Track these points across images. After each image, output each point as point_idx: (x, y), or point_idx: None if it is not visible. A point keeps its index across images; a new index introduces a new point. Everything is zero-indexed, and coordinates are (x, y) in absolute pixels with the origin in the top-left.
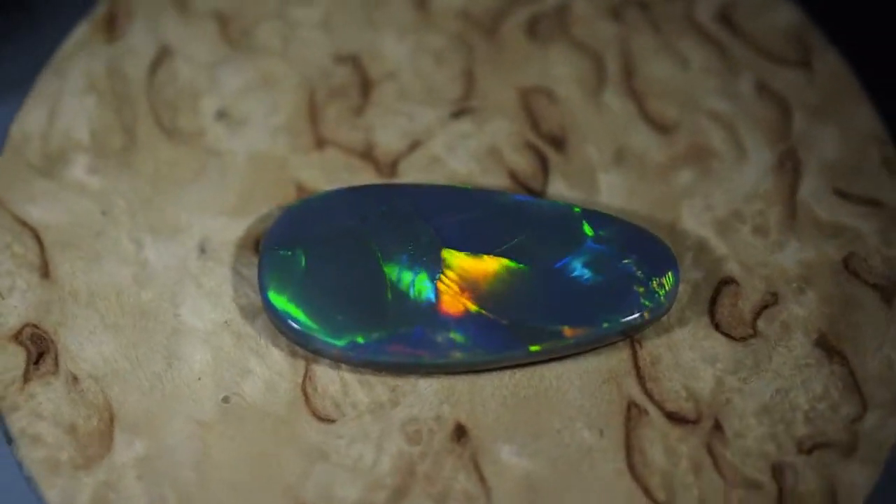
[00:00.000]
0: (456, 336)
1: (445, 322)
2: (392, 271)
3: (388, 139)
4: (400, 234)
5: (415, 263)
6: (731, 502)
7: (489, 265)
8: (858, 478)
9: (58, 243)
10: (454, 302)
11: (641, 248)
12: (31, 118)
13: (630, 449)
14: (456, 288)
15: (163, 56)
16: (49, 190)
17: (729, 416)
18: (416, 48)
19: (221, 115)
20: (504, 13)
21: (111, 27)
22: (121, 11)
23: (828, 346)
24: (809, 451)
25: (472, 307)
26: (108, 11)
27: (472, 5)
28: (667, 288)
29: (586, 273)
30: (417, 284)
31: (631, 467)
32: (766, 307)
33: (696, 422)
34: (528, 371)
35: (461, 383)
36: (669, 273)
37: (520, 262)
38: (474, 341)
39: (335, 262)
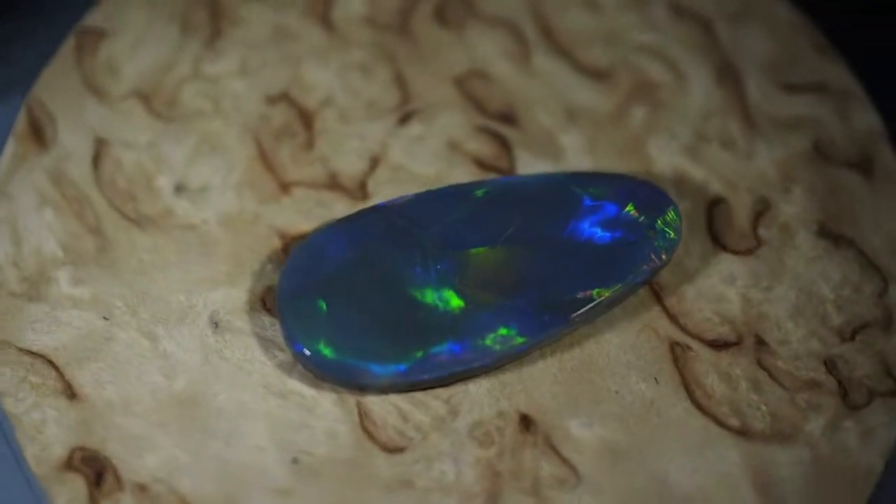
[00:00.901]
0: (499, 332)
1: (483, 322)
2: (413, 289)
3: (348, 163)
4: (405, 251)
5: (430, 275)
6: (799, 407)
7: (502, 254)
8: None
9: (73, 362)
10: (483, 300)
11: (635, 194)
12: None
13: (688, 387)
14: (480, 286)
15: (101, 149)
16: (43, 313)
17: (766, 327)
18: (340, 68)
19: (180, 189)
20: (408, 10)
21: (39, 136)
22: (42, 118)
23: (830, 234)
24: (852, 337)
25: (503, 300)
26: (29, 122)
27: (374, 11)
28: (673, 225)
29: (597, 232)
30: (442, 294)
31: (696, 404)
32: (760, 215)
33: (738, 343)
34: (566, 344)
35: (509, 375)
36: (670, 210)
37: (530, 242)
38: (517, 331)
39: (355, 297)
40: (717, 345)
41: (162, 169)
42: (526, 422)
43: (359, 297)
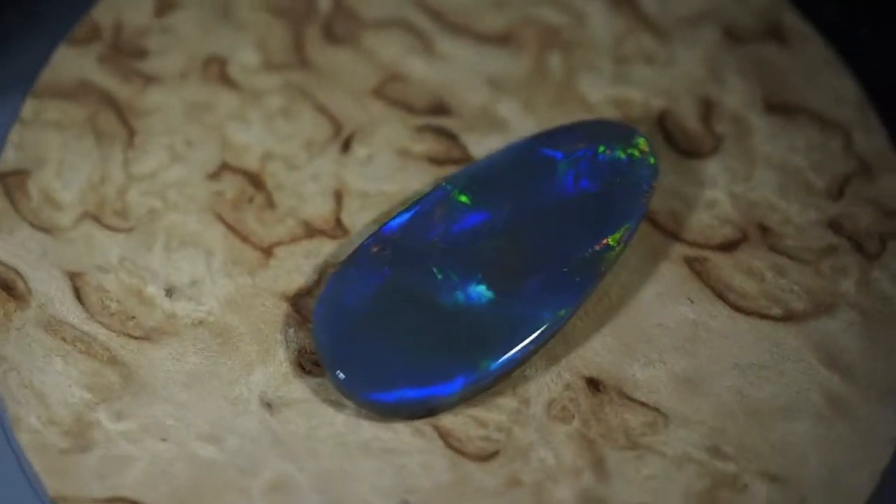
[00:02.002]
0: (541, 311)
1: (522, 307)
2: (441, 299)
3: (315, 207)
4: (418, 267)
5: (452, 280)
6: (826, 275)
7: (509, 237)
8: (894, 185)
9: (151, 492)
10: (513, 286)
11: (599, 136)
12: (24, 416)
13: (721, 295)
14: (504, 274)
15: (78, 282)
16: (100, 459)
17: (763, 213)
18: (264, 120)
19: (171, 291)
20: (298, 42)
21: (14, 294)
22: (8, 275)
23: (778, 107)
24: (841, 193)
25: (531, 279)
26: None
27: (267, 55)
28: (647, 150)
29: (584, 183)
30: (471, 292)
31: (736, 308)
32: (708, 113)
33: (745, 237)
34: (594, 299)
35: (558, 347)
36: (637, 138)
37: (529, 216)
38: (557, 303)
39: (392, 329)
40: (728, 246)
41: (145, 278)
42: (594, 384)
43: (396, 328)
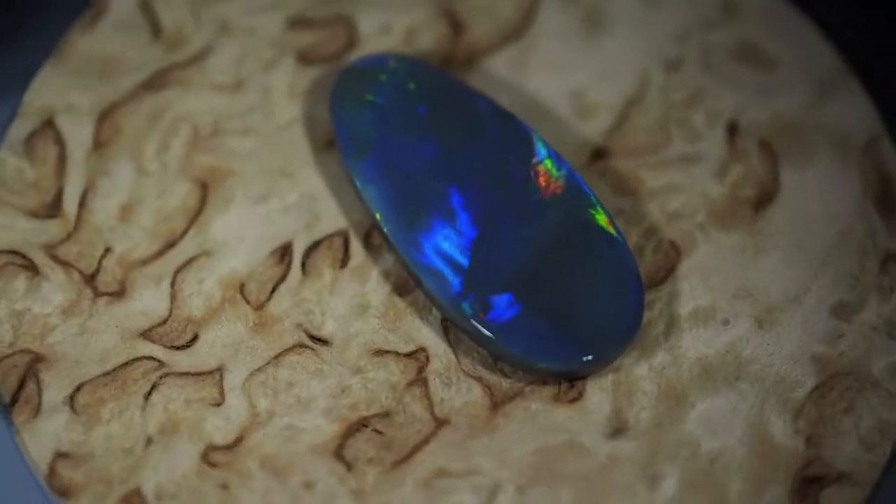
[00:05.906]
0: (598, 214)
1: (580, 208)
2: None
3: (380, 376)
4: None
5: (515, 231)
6: None
7: (480, 189)
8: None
9: None
10: (536, 214)
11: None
12: None
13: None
14: (519, 218)
15: None
16: None
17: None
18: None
19: None
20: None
21: None
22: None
23: None
24: None
25: (542, 196)
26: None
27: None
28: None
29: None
30: (532, 237)
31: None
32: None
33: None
34: None
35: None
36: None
37: (482, 181)
38: (583, 188)
39: (542, 299)
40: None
41: None
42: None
43: (546, 297)
